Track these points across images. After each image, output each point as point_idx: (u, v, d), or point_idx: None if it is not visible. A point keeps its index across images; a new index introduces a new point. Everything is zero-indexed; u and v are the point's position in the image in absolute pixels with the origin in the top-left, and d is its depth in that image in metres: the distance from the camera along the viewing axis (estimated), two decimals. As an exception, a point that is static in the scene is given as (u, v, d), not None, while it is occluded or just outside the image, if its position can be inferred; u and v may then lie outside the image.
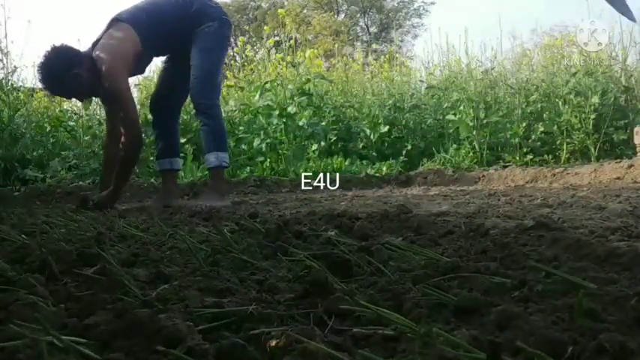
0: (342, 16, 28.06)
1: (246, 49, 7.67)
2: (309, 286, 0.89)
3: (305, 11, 26.82)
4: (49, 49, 2.96)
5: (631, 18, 1.69)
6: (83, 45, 3.23)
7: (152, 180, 5.19)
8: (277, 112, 5.84)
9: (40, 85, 3.18)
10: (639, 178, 4.26)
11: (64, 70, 2.90)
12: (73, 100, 4.26)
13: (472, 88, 6.82)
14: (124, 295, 0.89)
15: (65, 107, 6.62)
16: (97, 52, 3.01)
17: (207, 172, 3.90)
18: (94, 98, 4.67)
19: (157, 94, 3.52)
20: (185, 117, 5.80)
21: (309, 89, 6.32)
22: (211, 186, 3.34)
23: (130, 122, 3.00)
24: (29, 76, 16.59)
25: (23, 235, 1.53)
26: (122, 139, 3.07)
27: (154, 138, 3.59)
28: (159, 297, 0.88)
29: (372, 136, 6.70)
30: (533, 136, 6.61)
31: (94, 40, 3.14)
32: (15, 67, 5.68)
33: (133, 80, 6.74)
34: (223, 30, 3.36)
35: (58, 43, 3.02)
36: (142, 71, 3.50)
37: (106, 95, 3.14)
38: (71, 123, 6.08)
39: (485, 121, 6.49)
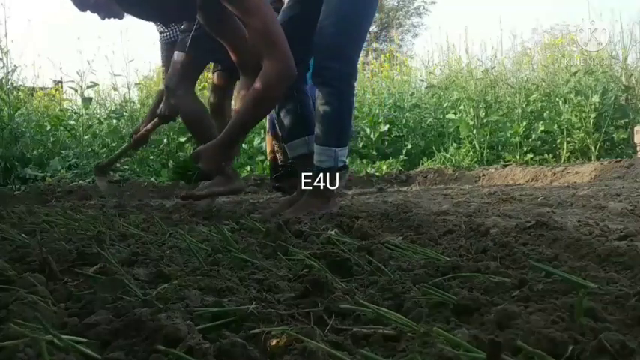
0: (342, 15, 27.94)
1: (246, 48, 7.66)
2: (309, 286, 0.89)
3: (305, 10, 26.70)
4: None
5: None
6: (83, 45, 2.94)
7: (152, 179, 5.19)
8: (277, 111, 5.83)
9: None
10: (639, 177, 4.26)
11: None
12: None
13: (472, 87, 6.82)
14: (124, 294, 0.89)
15: (65, 106, 6.63)
16: None
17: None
18: (92, 97, 4.48)
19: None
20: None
21: (309, 88, 6.31)
22: (315, 191, 2.23)
23: (273, 40, 1.92)
24: (29, 75, 16.57)
25: (23, 234, 1.53)
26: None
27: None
28: (159, 296, 0.88)
29: (372, 135, 6.70)
30: (533, 135, 6.61)
31: None
32: (15, 65, 5.69)
33: (133, 79, 6.74)
34: None
35: None
36: None
37: (217, 15, 2.12)
38: (71, 122, 6.09)
39: (485, 120, 6.49)
